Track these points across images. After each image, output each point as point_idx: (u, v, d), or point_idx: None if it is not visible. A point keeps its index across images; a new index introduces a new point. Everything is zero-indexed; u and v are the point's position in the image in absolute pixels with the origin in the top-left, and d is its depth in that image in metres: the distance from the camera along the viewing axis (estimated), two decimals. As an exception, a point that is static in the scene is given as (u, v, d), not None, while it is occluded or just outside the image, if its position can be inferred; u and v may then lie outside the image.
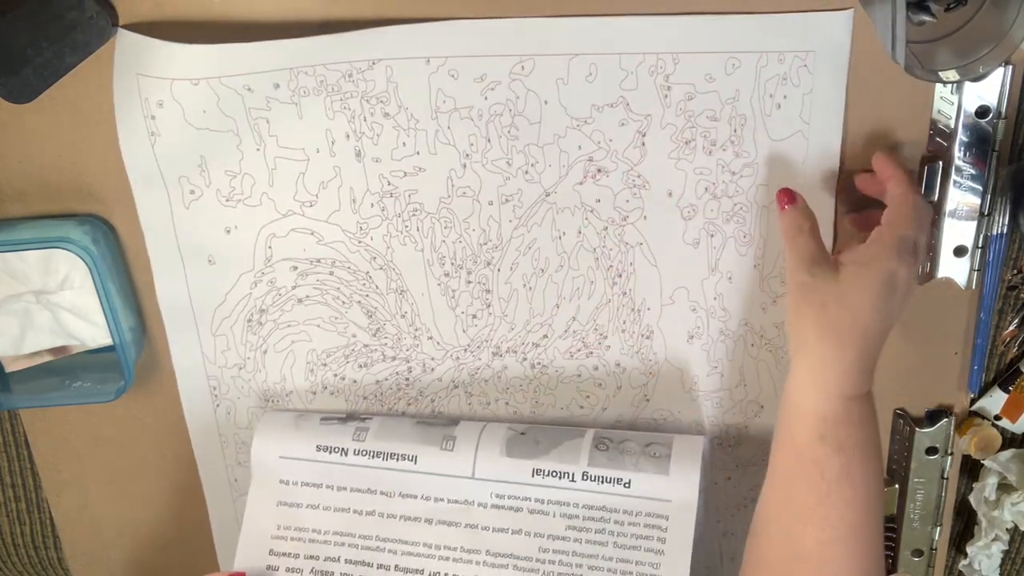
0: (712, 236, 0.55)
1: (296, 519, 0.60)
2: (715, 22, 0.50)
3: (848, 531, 0.48)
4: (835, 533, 0.48)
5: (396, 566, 0.58)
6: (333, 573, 0.59)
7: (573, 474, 0.57)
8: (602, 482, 0.56)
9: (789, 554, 0.50)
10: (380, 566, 0.59)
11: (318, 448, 0.59)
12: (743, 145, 0.53)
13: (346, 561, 0.59)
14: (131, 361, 0.57)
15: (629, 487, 0.56)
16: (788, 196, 0.52)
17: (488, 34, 0.50)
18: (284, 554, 0.60)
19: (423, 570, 0.58)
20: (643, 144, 0.53)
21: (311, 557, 0.59)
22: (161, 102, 0.52)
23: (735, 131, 0.53)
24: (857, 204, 0.55)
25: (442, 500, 0.59)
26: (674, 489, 0.55)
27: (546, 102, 0.52)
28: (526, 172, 0.54)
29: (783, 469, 0.51)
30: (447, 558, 0.58)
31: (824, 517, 0.49)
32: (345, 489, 0.60)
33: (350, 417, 0.61)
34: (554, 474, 0.57)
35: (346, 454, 0.59)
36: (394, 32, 0.50)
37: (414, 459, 0.58)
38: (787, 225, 0.51)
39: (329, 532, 0.60)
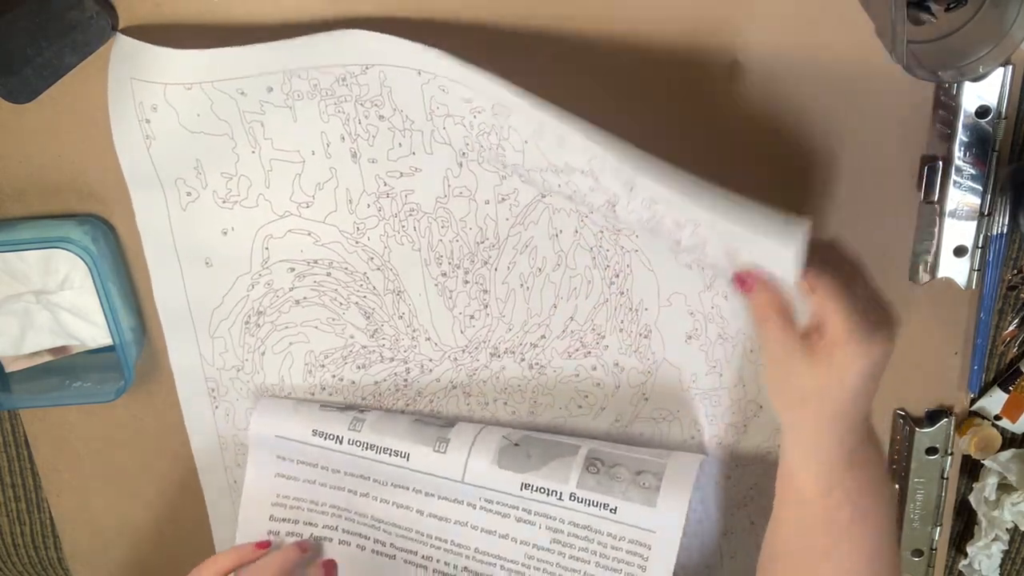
0: (703, 269, 0.55)
1: (294, 490, 0.62)
2: (668, 196, 0.46)
3: (867, 562, 0.48)
4: (853, 566, 0.48)
5: (391, 544, 0.60)
6: (332, 540, 0.61)
7: (561, 493, 0.57)
8: (589, 504, 0.56)
9: None
10: (377, 541, 0.61)
11: (314, 432, 0.60)
12: (707, 259, 0.49)
13: (344, 531, 0.61)
14: (131, 361, 0.57)
15: (615, 513, 0.56)
16: (745, 282, 0.47)
17: (469, 75, 0.48)
18: (284, 520, 0.62)
19: (416, 552, 0.60)
20: (614, 212, 0.50)
21: (309, 524, 0.61)
22: (155, 106, 0.52)
23: (696, 246, 0.49)
24: None
25: (433, 496, 0.60)
26: (659, 521, 0.55)
27: (526, 142, 0.50)
28: (521, 176, 0.54)
29: (794, 519, 0.49)
30: (439, 547, 0.60)
31: (841, 554, 0.48)
32: (340, 472, 0.61)
33: (349, 407, 0.61)
34: (542, 490, 0.57)
35: (341, 442, 0.59)
36: (385, 42, 0.49)
37: (406, 456, 0.58)
38: (752, 311, 0.48)
39: (326, 505, 0.61)
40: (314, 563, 0.60)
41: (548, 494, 0.57)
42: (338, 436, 0.59)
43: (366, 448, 0.59)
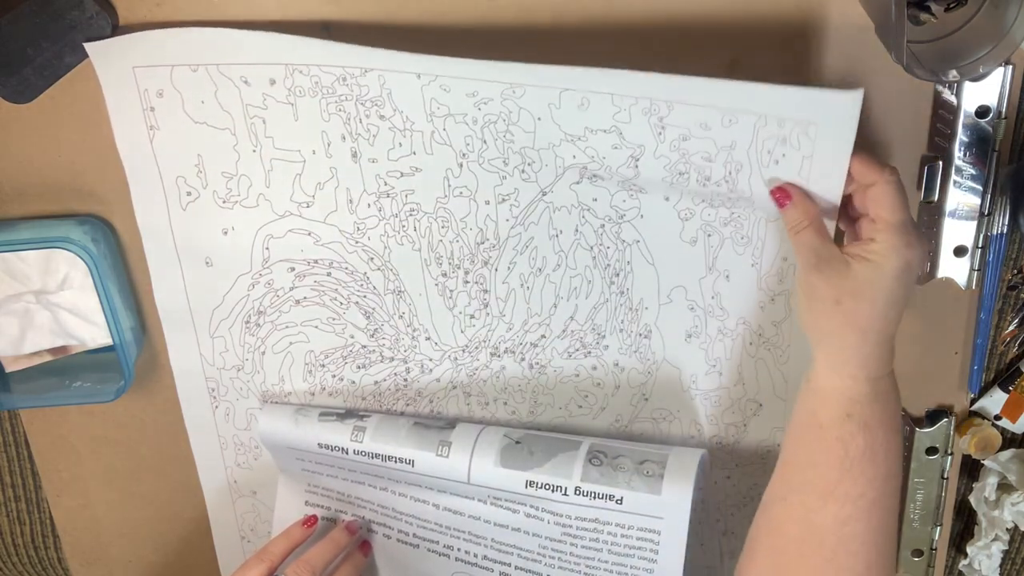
0: (709, 236, 0.55)
1: (322, 481, 0.63)
2: (709, 87, 0.47)
3: (867, 509, 0.48)
4: (854, 510, 0.48)
5: (414, 534, 0.62)
6: (361, 527, 0.63)
7: (565, 488, 0.57)
8: (594, 497, 0.56)
9: (806, 530, 0.50)
10: (400, 531, 0.62)
11: (320, 445, 0.60)
12: (737, 186, 0.51)
13: (370, 520, 0.63)
14: (131, 361, 0.57)
15: (621, 503, 0.56)
16: (783, 193, 0.50)
17: (477, 70, 0.49)
18: (317, 506, 0.64)
19: (438, 541, 0.61)
20: (636, 168, 0.52)
21: (341, 511, 0.63)
22: (161, 91, 0.52)
23: (730, 173, 0.51)
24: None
25: (444, 492, 0.60)
26: (666, 508, 0.55)
27: (539, 119, 0.51)
28: (523, 171, 0.54)
29: (805, 447, 0.50)
30: (457, 537, 0.61)
31: (845, 494, 0.48)
32: (356, 471, 0.61)
33: (348, 414, 0.61)
34: (547, 487, 0.57)
35: (346, 453, 0.60)
36: (384, 54, 0.49)
37: (411, 462, 0.59)
38: (789, 223, 0.50)
39: (352, 496, 0.63)
40: (355, 545, 0.63)
41: (553, 490, 0.57)
42: (343, 448, 0.60)
43: (371, 457, 0.59)
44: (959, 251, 0.55)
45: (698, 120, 0.49)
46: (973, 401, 0.61)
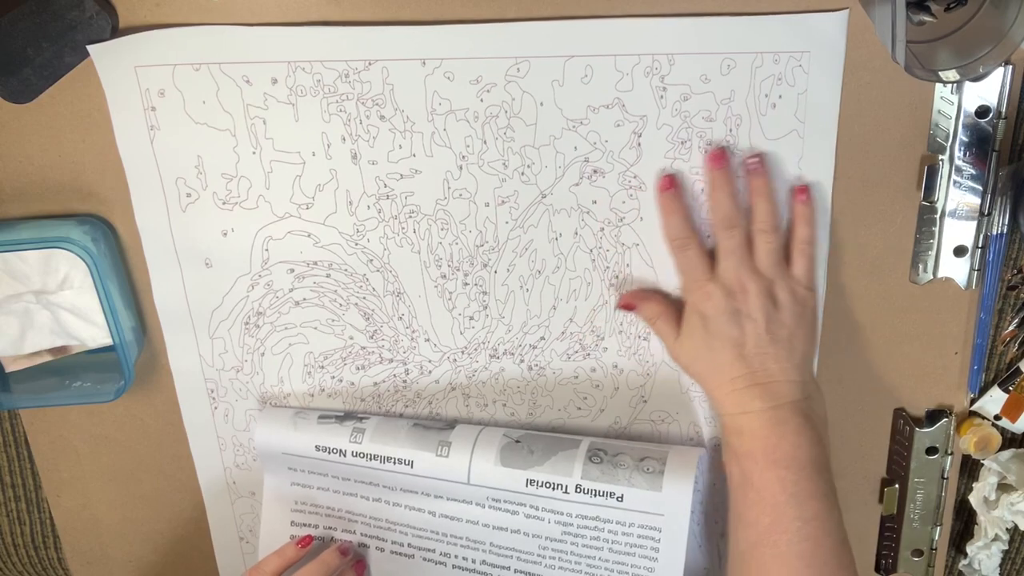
0: (708, 237, 0.55)
1: (310, 497, 0.63)
2: (710, 23, 0.50)
3: (768, 534, 0.51)
4: (757, 534, 0.51)
5: (409, 544, 0.61)
6: (353, 547, 0.63)
7: (566, 486, 0.57)
8: (595, 495, 0.56)
9: (736, 554, 0.53)
10: (394, 542, 0.62)
11: (317, 448, 0.60)
12: (738, 145, 0.53)
13: (362, 535, 0.63)
14: (131, 361, 0.57)
15: (622, 501, 0.56)
16: (628, 305, 0.57)
17: (484, 37, 0.50)
18: (304, 525, 0.64)
19: (434, 550, 0.61)
20: (639, 144, 0.53)
21: (329, 528, 0.63)
22: (162, 91, 0.52)
23: (730, 131, 0.53)
24: None
25: (441, 497, 0.60)
26: (666, 504, 0.55)
27: (542, 104, 0.52)
28: (522, 174, 0.54)
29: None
30: (455, 544, 0.60)
31: (744, 518, 0.52)
32: (349, 480, 0.61)
33: (347, 416, 0.61)
34: (547, 485, 0.57)
35: (344, 455, 0.60)
36: (390, 32, 0.50)
37: (410, 464, 0.59)
38: (644, 319, 0.57)
39: (342, 510, 0.62)
40: (348, 565, 0.62)
41: (553, 488, 0.57)
42: (341, 450, 0.60)
43: (370, 459, 0.59)
44: (959, 251, 0.55)
45: (699, 72, 0.51)
46: (973, 401, 0.61)
